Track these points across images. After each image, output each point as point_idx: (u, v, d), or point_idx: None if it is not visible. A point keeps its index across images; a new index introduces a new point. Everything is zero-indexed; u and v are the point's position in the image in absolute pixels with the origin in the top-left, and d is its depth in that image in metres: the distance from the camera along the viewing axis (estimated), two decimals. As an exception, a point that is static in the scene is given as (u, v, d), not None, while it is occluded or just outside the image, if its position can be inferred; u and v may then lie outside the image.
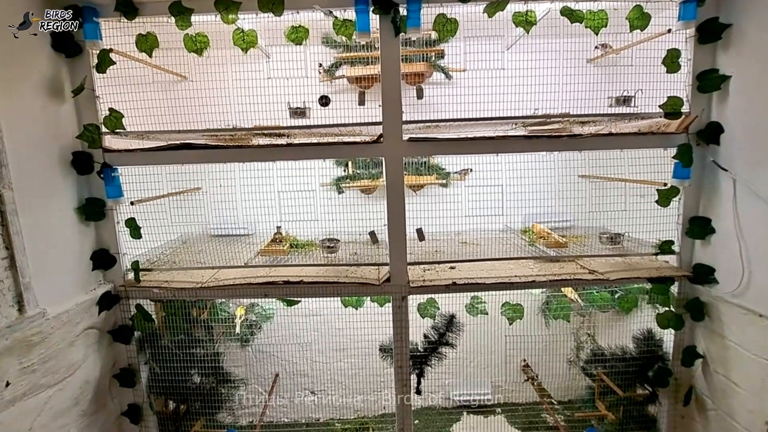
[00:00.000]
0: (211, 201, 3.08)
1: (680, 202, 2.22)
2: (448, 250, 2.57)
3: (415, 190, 2.98)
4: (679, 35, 2.11)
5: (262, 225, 3.07)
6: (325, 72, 2.71)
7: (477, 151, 2.16)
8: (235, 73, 2.73)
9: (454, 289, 2.21)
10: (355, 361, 3.20)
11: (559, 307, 2.48)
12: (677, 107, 2.10)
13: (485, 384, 3.01)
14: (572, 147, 2.18)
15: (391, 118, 2.09)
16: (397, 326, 2.29)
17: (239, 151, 2.19)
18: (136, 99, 2.30)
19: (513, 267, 2.39)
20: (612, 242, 2.39)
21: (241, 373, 3.27)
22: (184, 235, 3.12)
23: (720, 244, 2.10)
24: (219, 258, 2.58)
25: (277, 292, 2.26)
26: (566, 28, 2.39)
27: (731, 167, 2.00)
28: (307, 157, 2.17)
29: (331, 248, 2.45)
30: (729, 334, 2.06)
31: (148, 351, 2.44)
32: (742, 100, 1.97)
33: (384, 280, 2.22)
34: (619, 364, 2.48)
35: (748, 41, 1.92)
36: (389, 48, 2.05)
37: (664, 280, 2.20)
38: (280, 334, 3.22)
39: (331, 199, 3.00)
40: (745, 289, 1.95)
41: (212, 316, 2.63)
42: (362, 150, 2.17)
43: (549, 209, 2.82)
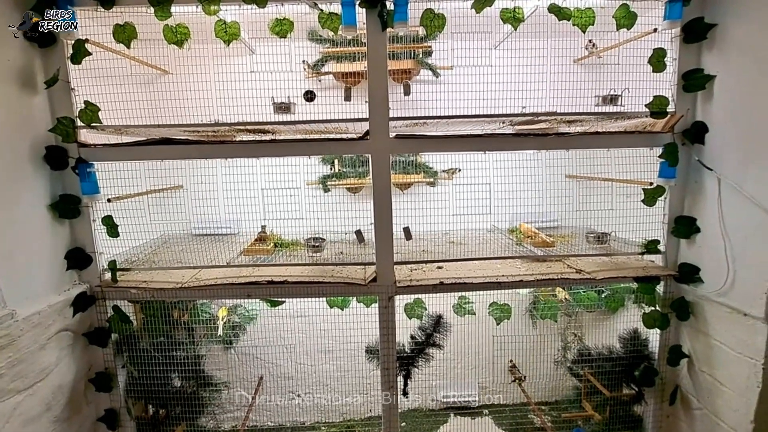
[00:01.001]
0: (194, 199, 2.99)
1: (666, 202, 2.23)
2: (435, 249, 2.54)
3: (403, 189, 2.95)
4: (664, 35, 2.11)
5: (247, 224, 3.00)
6: (310, 68, 2.66)
7: (464, 149, 2.14)
8: (218, 68, 2.67)
9: (442, 289, 2.18)
10: (341, 363, 3.15)
11: (546, 307, 2.47)
12: (663, 107, 2.11)
13: (472, 385, 2.99)
14: (559, 145, 2.17)
15: (377, 114, 2.05)
16: (384, 327, 2.25)
17: (221, 147, 2.13)
18: (114, 92, 2.22)
19: (500, 266, 2.37)
20: (599, 242, 2.39)
21: (225, 376, 3.20)
22: (165, 234, 3.04)
23: (705, 244, 2.11)
24: (201, 258, 2.50)
25: (260, 292, 2.20)
26: (554, 27, 2.39)
27: (716, 166, 2.01)
28: (291, 153, 2.12)
29: (316, 247, 2.40)
30: (714, 333, 2.07)
31: (125, 354, 2.35)
32: (727, 100, 1.98)
33: (370, 279, 2.18)
34: (605, 364, 2.47)
35: (733, 41, 1.93)
36: (376, 43, 2.01)
37: (650, 280, 2.21)
38: (264, 335, 3.15)
39: (316, 197, 2.95)
40: (730, 288, 1.96)
41: (193, 318, 2.55)
42: (348, 147, 2.13)
43: (536, 209, 2.81)
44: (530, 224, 2.75)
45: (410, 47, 2.56)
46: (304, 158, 2.81)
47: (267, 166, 2.62)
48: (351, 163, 2.84)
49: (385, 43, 2.01)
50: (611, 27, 2.07)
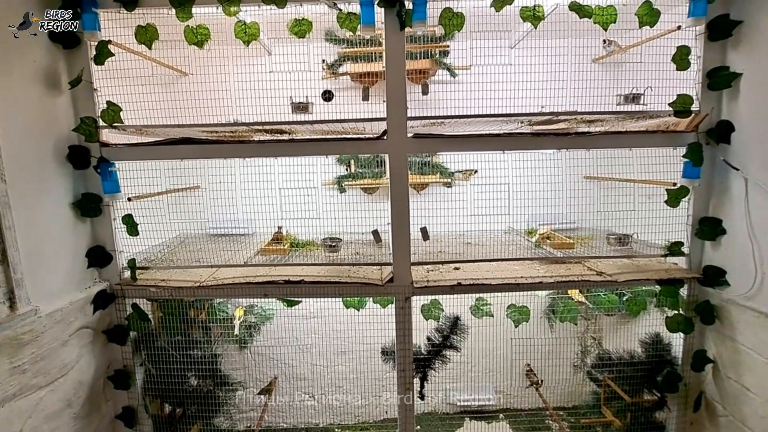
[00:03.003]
0: (211, 199, 3.02)
1: (690, 203, 2.17)
2: (452, 250, 2.52)
3: (419, 189, 2.94)
4: (688, 32, 2.07)
5: (263, 224, 3.01)
6: (328, 68, 2.67)
7: (482, 148, 2.12)
8: (237, 68, 2.69)
9: (459, 290, 2.15)
10: (356, 365, 3.14)
11: (566, 309, 2.43)
12: (687, 105, 2.06)
13: (488, 389, 2.95)
14: (579, 145, 2.13)
15: (395, 114, 2.05)
16: (400, 328, 2.23)
17: (240, 146, 2.15)
18: (136, 93, 2.26)
19: (518, 268, 2.34)
20: (620, 243, 2.34)
21: (240, 375, 3.21)
22: (183, 233, 3.07)
23: (731, 246, 2.05)
24: (218, 257, 2.52)
25: (277, 291, 2.20)
26: (574, 26, 2.36)
27: (743, 166, 1.96)
28: (309, 153, 2.12)
29: (332, 247, 2.39)
30: (741, 338, 2.01)
31: (143, 352, 2.37)
32: (754, 98, 1.93)
33: (387, 280, 2.17)
34: (626, 369, 2.42)
35: (760, 38, 1.89)
36: (394, 42, 2.01)
37: (673, 282, 2.15)
38: (279, 336, 3.15)
39: (332, 196, 2.95)
40: (758, 291, 1.90)
41: (210, 317, 2.56)
42: (366, 146, 2.13)
43: (555, 210, 2.77)
44: (549, 226, 2.71)
45: (427, 47, 2.55)
46: (321, 159, 2.83)
47: (284, 165, 2.64)
48: (367, 163, 2.83)
49: (403, 42, 2.01)
50: (633, 25, 2.04)
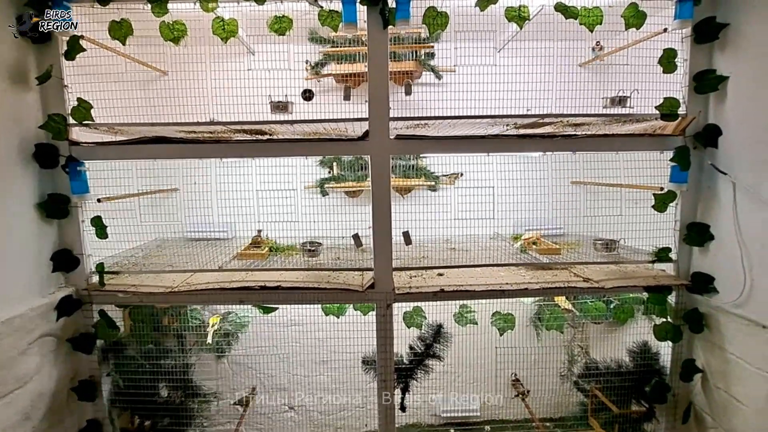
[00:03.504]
0: (189, 202, 2.92)
1: (677, 208, 2.13)
2: (436, 255, 2.45)
3: (403, 193, 2.87)
4: (675, 35, 2.05)
5: (243, 228, 2.93)
6: (311, 68, 2.61)
7: (467, 151, 2.07)
8: (217, 67, 2.61)
9: (443, 296, 2.08)
10: (337, 375, 3.03)
11: (552, 317, 2.36)
12: (674, 108, 2.03)
13: (473, 400, 2.86)
14: (565, 148, 2.09)
15: (377, 114, 1.99)
16: (381, 336, 2.14)
17: (217, 146, 2.07)
18: (110, 90, 2.18)
19: (504, 274, 2.27)
20: (607, 249, 2.29)
21: (216, 386, 3.08)
22: (160, 237, 2.96)
23: (719, 252, 2.01)
24: (193, 262, 2.42)
25: (252, 298, 2.11)
26: (560, 30, 2.34)
27: (730, 171, 1.92)
28: (289, 153, 2.05)
29: (312, 252, 2.31)
30: (730, 347, 1.96)
31: (111, 362, 2.25)
32: (741, 102, 1.90)
33: (368, 286, 2.09)
34: (613, 379, 2.35)
35: (746, 41, 1.87)
36: (377, 41, 1.96)
37: (661, 290, 2.10)
38: (258, 344, 3.04)
39: (314, 200, 2.87)
40: (747, 299, 1.85)
41: (183, 324, 2.45)
42: (348, 147, 2.06)
43: (541, 215, 2.72)
44: (535, 231, 2.66)
45: (412, 47, 2.51)
46: (302, 161, 2.75)
47: (265, 166, 2.56)
48: (350, 166, 2.76)
49: (387, 41, 1.96)
50: (620, 27, 2.01)
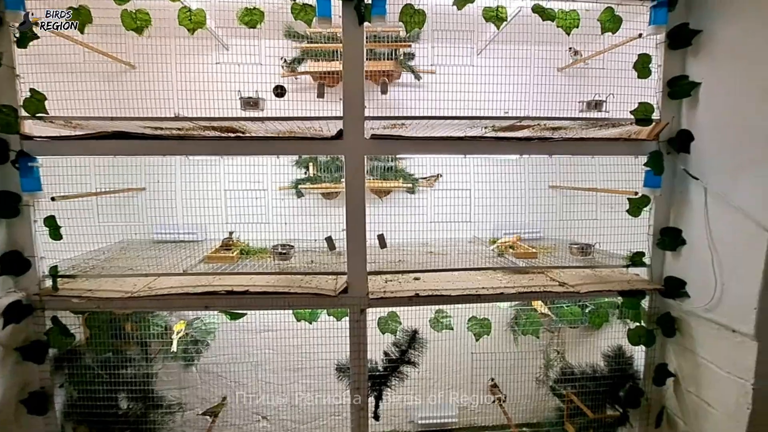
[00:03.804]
0: (157, 203, 2.78)
1: (651, 212, 2.15)
2: (413, 259, 2.39)
3: (381, 196, 2.81)
4: (650, 41, 2.07)
5: (215, 230, 2.80)
6: (287, 66, 2.52)
7: (444, 152, 2.03)
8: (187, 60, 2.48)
9: (418, 301, 2.02)
10: (312, 382, 2.93)
11: (528, 322, 2.34)
12: (648, 114, 2.04)
13: (450, 406, 2.81)
14: (542, 150, 2.07)
15: (352, 112, 1.92)
16: (355, 343, 2.07)
17: (184, 143, 1.96)
18: (68, 81, 2.05)
19: (481, 278, 2.24)
20: (582, 253, 2.29)
21: (183, 395, 2.94)
22: (125, 240, 2.81)
23: (691, 256, 2.02)
24: (158, 265, 2.29)
25: (219, 303, 2.00)
26: (539, 34, 2.33)
27: (702, 176, 1.94)
28: (259, 152, 1.96)
29: (283, 255, 2.22)
30: (701, 351, 1.97)
31: (65, 372, 2.10)
32: (712, 108, 1.92)
33: (341, 290, 2.01)
34: (589, 384, 2.34)
35: (718, 48, 1.89)
36: (352, 37, 1.89)
37: (635, 294, 2.10)
38: (229, 352, 2.92)
39: (289, 201, 2.76)
40: (718, 303, 1.86)
41: (146, 332, 2.31)
42: (321, 147, 1.99)
43: (518, 219, 2.70)
44: (515, 234, 2.64)
45: (390, 46, 2.46)
46: (277, 161, 2.64)
47: (238, 165, 2.45)
48: (326, 167, 2.69)
49: (362, 37, 1.90)
50: (596, 30, 2.01)
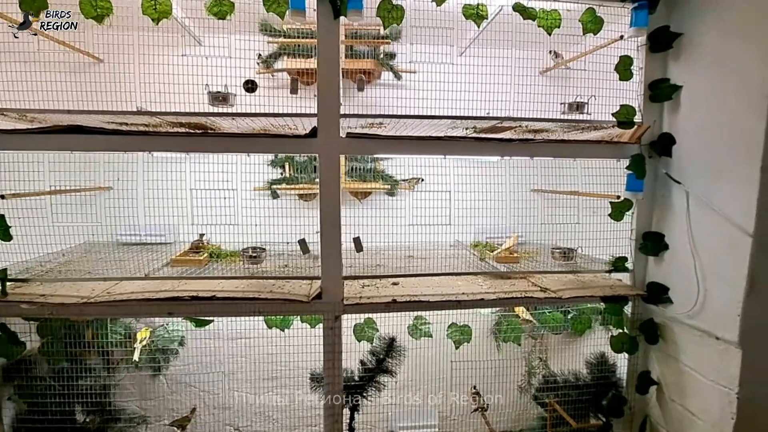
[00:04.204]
0: (123, 203, 2.65)
1: (633, 217, 2.11)
2: (392, 264, 2.31)
3: (360, 198, 2.73)
4: (631, 43, 2.04)
5: (187, 232, 2.67)
6: (263, 62, 2.43)
7: (423, 152, 1.95)
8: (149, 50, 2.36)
9: (395, 307, 1.93)
10: (287, 392, 2.81)
11: (510, 328, 2.27)
12: (630, 116, 2.01)
13: (430, 415, 2.72)
14: (524, 152, 2.02)
15: (327, 110, 1.84)
16: (329, 351, 1.97)
17: (146, 139, 1.84)
18: (22, 71, 1.92)
19: (461, 284, 2.17)
20: (565, 258, 2.23)
21: (152, 407, 2.79)
22: (88, 241, 2.66)
23: (674, 261, 1.98)
24: (121, 268, 2.16)
25: (183, 309, 1.88)
26: (520, 35, 2.30)
27: (684, 180, 1.91)
28: (227, 149, 1.86)
29: (254, 258, 2.11)
30: (684, 359, 1.92)
31: (14, 383, 1.95)
32: (694, 111, 1.90)
33: (314, 296, 1.91)
34: (572, 392, 2.28)
35: (699, 51, 1.87)
36: (327, 31, 1.81)
37: (617, 300, 2.05)
38: (199, 360, 2.78)
39: (263, 200, 2.65)
40: (701, 309, 1.82)
41: (103, 339, 2.17)
42: (294, 145, 1.89)
43: (500, 222, 2.65)
44: (492, 239, 2.58)
45: (368, 42, 2.39)
46: (248, 160, 2.53)
47: (209, 163, 2.34)
48: (303, 167, 2.59)
49: (338, 31, 1.82)
50: (578, 31, 1.98)
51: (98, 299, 1.84)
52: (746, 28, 1.67)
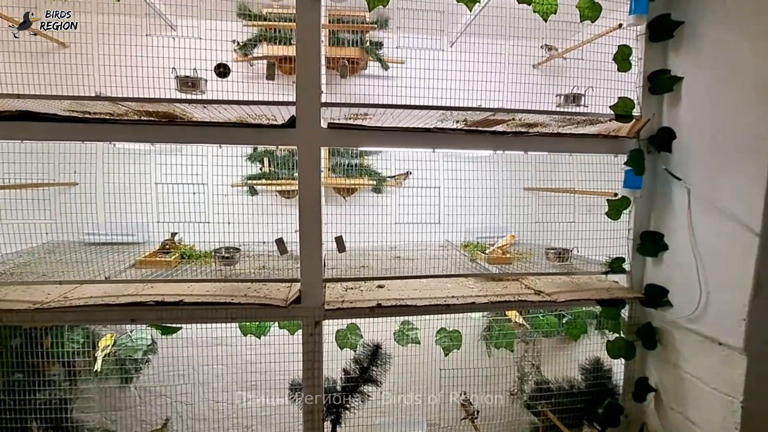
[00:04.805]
0: (90, 199, 2.45)
1: (631, 215, 2.01)
2: (377, 265, 2.17)
3: (345, 195, 2.58)
4: (630, 32, 1.94)
5: (159, 231, 2.48)
6: (240, 49, 2.27)
7: (411, 145, 1.82)
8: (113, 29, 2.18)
9: (380, 312, 1.80)
10: (268, 401, 2.65)
11: (502, 333, 2.15)
12: (628, 109, 1.90)
13: (418, 425, 2.59)
14: (517, 146, 1.90)
15: (306, 97, 1.69)
16: (309, 360, 1.82)
17: (105, 127, 1.67)
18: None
19: (450, 286, 2.04)
20: (559, 259, 2.12)
21: (121, 418, 2.60)
22: (52, 242, 2.46)
23: (674, 263, 1.89)
24: (82, 270, 1.97)
25: (147, 316, 1.71)
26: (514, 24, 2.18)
27: (685, 176, 1.81)
28: (196, 140, 1.70)
29: (227, 259, 1.95)
30: (685, 365, 1.83)
31: (-42, 398, 1.76)
32: (696, 104, 1.80)
33: (292, 300, 1.76)
34: (566, 400, 2.17)
35: (701, 41, 1.77)
36: (307, 11, 1.67)
37: (614, 303, 1.95)
38: (173, 368, 2.60)
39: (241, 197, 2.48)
40: (703, 313, 1.72)
41: (59, 349, 1.98)
42: (270, 136, 1.74)
43: (492, 222, 2.53)
44: (483, 239, 2.46)
45: (353, 27, 2.24)
46: (220, 152, 2.35)
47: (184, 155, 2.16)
48: (284, 162, 2.43)
49: (319, 12, 1.67)
50: (575, 18, 1.86)
51: (52, 305, 1.67)
52: (751, 15, 1.57)
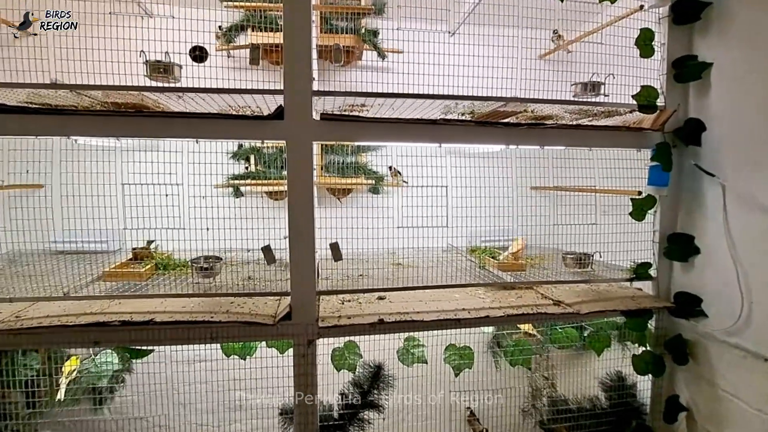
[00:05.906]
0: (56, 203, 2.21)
1: (656, 216, 1.82)
2: (377, 274, 1.96)
3: (340, 196, 2.37)
4: (652, 14, 1.76)
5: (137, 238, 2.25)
6: (223, 36, 2.06)
7: (413, 139, 1.62)
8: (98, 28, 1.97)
9: (382, 329, 1.58)
10: (256, 423, 2.41)
11: (517, 349, 1.95)
12: (652, 99, 1.72)
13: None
14: (531, 141, 1.71)
15: (296, 85, 1.48)
16: (301, 384, 1.60)
17: (61, 119, 1.44)
18: None
19: (459, 297, 1.84)
20: (579, 264, 1.93)
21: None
22: (12, 250, 2.21)
23: (707, 268, 1.70)
24: (41, 285, 1.73)
25: (113, 337, 1.48)
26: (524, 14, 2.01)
27: (718, 172, 1.63)
28: (167, 133, 1.47)
29: (206, 270, 1.73)
30: (722, 382, 1.64)
31: None
32: (727, 92, 1.63)
33: (282, 316, 1.54)
34: (587, 422, 1.97)
35: (731, 23, 1.60)
36: (295, -11, 1.47)
37: (642, 314, 1.76)
38: (151, 389, 2.35)
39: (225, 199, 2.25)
40: (745, 325, 1.54)
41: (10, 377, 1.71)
42: (254, 129, 1.53)
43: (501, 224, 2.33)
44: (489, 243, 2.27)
45: (348, 8, 2.04)
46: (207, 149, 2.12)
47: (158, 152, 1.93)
48: (272, 160, 2.22)
49: (308, -11, 1.47)
50: (594, 8, 1.69)
51: (2, 326, 1.43)
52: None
